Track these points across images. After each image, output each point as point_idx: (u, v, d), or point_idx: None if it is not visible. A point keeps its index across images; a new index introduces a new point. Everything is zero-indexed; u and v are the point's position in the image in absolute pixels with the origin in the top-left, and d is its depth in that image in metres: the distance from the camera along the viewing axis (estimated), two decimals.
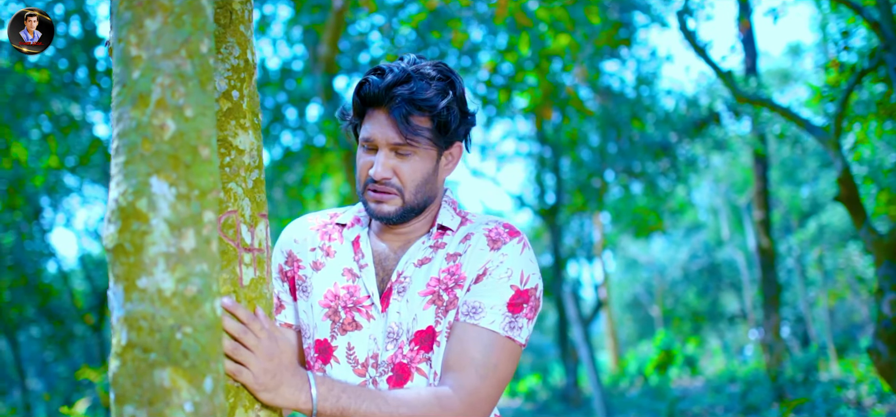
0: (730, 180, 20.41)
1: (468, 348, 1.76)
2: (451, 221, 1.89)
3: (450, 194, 1.96)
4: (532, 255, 1.84)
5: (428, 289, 1.82)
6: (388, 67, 1.82)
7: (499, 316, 1.77)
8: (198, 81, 1.36)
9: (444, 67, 1.84)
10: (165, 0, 1.34)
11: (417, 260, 1.85)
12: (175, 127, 1.33)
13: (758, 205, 12.41)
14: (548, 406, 13.78)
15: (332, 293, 1.88)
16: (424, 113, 1.77)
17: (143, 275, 1.31)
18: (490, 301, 1.78)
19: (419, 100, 1.76)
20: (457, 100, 1.82)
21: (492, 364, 1.76)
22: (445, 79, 1.81)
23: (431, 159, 1.82)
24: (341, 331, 1.86)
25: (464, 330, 1.77)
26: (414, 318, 1.81)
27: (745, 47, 12.08)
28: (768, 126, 9.57)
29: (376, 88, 1.79)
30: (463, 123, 1.85)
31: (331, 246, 1.94)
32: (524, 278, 1.80)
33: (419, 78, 1.79)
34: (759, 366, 15.46)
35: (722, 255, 22.91)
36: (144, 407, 1.30)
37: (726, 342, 25.66)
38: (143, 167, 1.32)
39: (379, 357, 1.82)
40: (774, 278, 11.91)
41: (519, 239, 1.83)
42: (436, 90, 1.78)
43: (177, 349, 1.31)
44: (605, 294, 17.49)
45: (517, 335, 1.79)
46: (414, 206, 1.83)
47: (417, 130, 1.77)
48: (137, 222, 1.31)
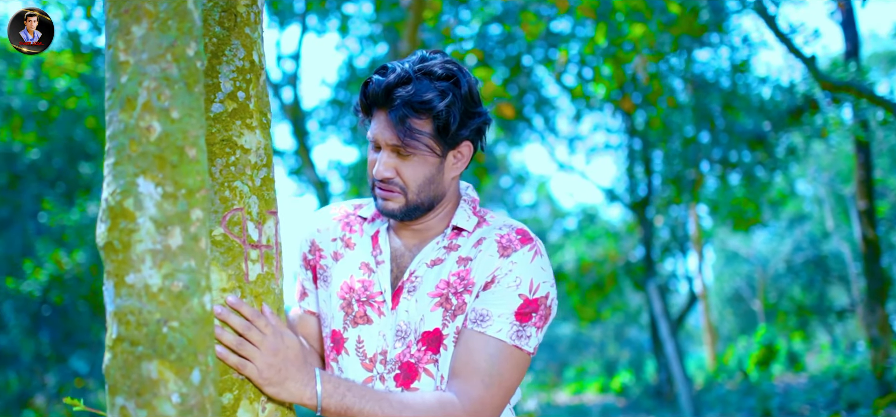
0: (834, 168, 19.58)
1: (474, 356, 1.76)
2: (467, 222, 1.88)
3: (470, 192, 1.95)
4: (545, 263, 1.82)
5: (437, 291, 1.82)
6: (393, 66, 1.82)
7: (506, 325, 1.76)
8: (184, 84, 1.41)
9: (453, 66, 1.82)
10: (151, 6, 1.39)
11: (430, 260, 1.86)
12: (161, 128, 1.38)
13: (861, 194, 11.86)
14: (639, 403, 13.55)
15: (348, 286, 1.91)
16: (423, 115, 1.76)
17: (131, 271, 1.37)
18: (497, 310, 1.77)
19: (417, 102, 1.75)
20: (462, 100, 1.79)
21: (497, 373, 1.75)
22: (450, 78, 1.79)
23: (434, 160, 1.81)
24: (353, 324, 1.88)
25: (471, 337, 1.77)
26: (421, 318, 1.82)
27: (844, 30, 11.56)
28: (870, 112, 9.15)
29: (377, 89, 1.79)
30: (468, 124, 1.82)
31: (351, 238, 1.96)
32: (534, 287, 1.78)
33: (422, 78, 1.78)
34: (867, 362, 14.81)
35: (828, 247, 22.02)
36: (133, 398, 1.36)
37: (836, 338, 24.66)
38: (131, 168, 1.37)
39: (387, 354, 1.84)
40: (880, 270, 11.37)
41: (530, 247, 1.81)
42: (437, 91, 1.76)
43: (163, 342, 1.36)
44: (701, 288, 17.06)
45: (525, 344, 1.78)
46: (419, 204, 1.83)
47: (415, 134, 1.77)
48: (125, 221, 1.37)
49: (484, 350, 1.75)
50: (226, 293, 1.66)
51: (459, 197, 1.93)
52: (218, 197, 1.67)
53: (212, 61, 1.69)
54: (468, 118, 1.81)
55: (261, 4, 1.79)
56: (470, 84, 1.82)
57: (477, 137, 1.87)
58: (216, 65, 1.69)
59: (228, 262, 1.67)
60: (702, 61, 12.39)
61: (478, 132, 1.87)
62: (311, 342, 2.03)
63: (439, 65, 1.80)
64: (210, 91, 1.68)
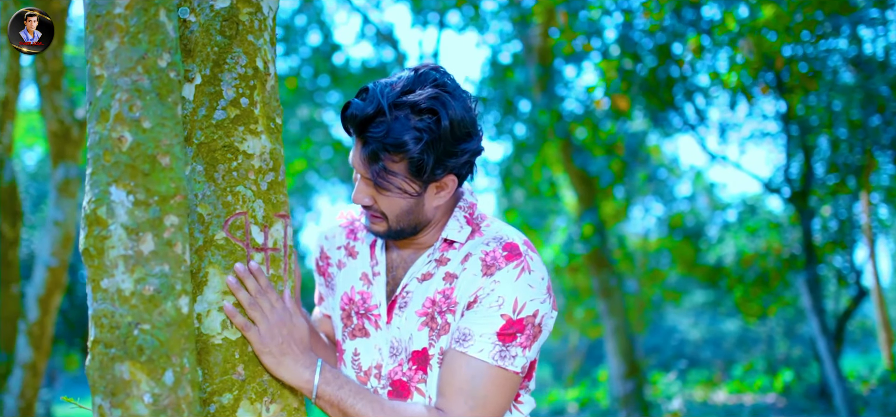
0: None
1: (457, 376, 1.71)
2: (459, 233, 1.80)
3: (467, 198, 1.85)
4: (533, 279, 1.72)
5: (423, 309, 1.78)
6: (372, 93, 1.71)
7: (488, 345, 1.70)
8: (156, 95, 1.46)
9: (436, 100, 1.68)
10: (122, 21, 1.45)
11: (420, 275, 1.81)
12: (132, 138, 1.44)
13: None
14: (797, 403, 12.81)
15: (348, 297, 1.90)
16: (397, 155, 1.68)
17: (105, 276, 1.43)
18: (479, 329, 1.71)
19: (390, 143, 1.66)
20: (441, 139, 1.67)
21: (481, 395, 1.70)
22: (432, 112, 1.67)
23: (411, 195, 1.73)
24: (351, 336, 1.88)
25: (453, 358, 1.73)
26: (410, 337, 1.79)
27: None
28: None
29: (353, 120, 1.72)
30: (446, 163, 1.70)
31: (354, 246, 1.94)
32: (518, 306, 1.70)
33: (399, 110, 1.68)
34: None
35: None
36: (109, 397, 1.42)
37: None
38: (105, 177, 1.44)
39: (382, 369, 1.83)
40: None
41: (516, 263, 1.72)
42: (413, 131, 1.66)
43: (133, 344, 1.41)
44: (874, 283, 15.91)
45: (510, 365, 1.71)
46: (401, 230, 1.78)
47: (387, 175, 1.70)
48: (99, 228, 1.43)
49: (466, 371, 1.70)
50: (226, 296, 1.70)
51: (455, 206, 1.84)
52: (220, 202, 1.71)
53: (213, 70, 1.73)
54: (448, 157, 1.70)
55: (268, 11, 1.82)
56: (454, 119, 1.68)
57: (464, 169, 1.76)
58: (218, 73, 1.73)
59: (230, 265, 1.71)
60: (867, 39, 11.55)
61: (464, 165, 1.75)
62: (331, 343, 2.05)
63: (424, 98, 1.68)
64: (212, 99, 1.72)
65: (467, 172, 1.77)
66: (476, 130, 1.75)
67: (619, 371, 9.22)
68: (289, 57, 12.32)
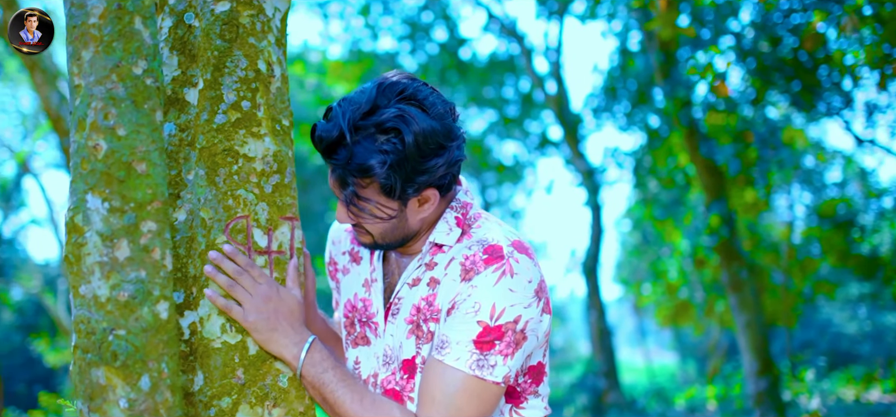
0: None
1: (433, 385, 1.65)
2: (447, 236, 1.73)
3: (460, 198, 1.77)
4: (516, 283, 1.63)
5: (410, 317, 1.73)
6: (335, 114, 1.65)
7: (465, 353, 1.62)
8: (132, 102, 1.47)
9: (401, 113, 1.60)
10: (96, 31, 1.46)
11: (411, 280, 1.76)
12: (107, 146, 1.45)
13: None
14: None
15: (351, 304, 1.87)
16: (365, 179, 1.63)
17: (82, 283, 1.45)
18: (456, 337, 1.64)
19: (354, 169, 1.61)
20: (406, 158, 1.59)
21: (456, 405, 1.63)
22: (396, 132, 1.59)
23: (390, 212, 1.67)
24: (353, 344, 1.85)
25: (431, 365, 1.67)
26: (400, 345, 1.75)
27: None
28: None
29: (319, 145, 1.66)
30: (415, 180, 1.63)
31: (358, 251, 1.91)
32: (496, 312, 1.61)
33: (362, 132, 1.60)
34: None
35: None
36: (87, 402, 1.45)
37: None
38: (82, 185, 1.46)
39: (378, 377, 1.78)
40: None
41: (496, 267, 1.63)
42: (378, 152, 1.59)
43: (108, 349, 1.43)
44: None
45: (488, 374, 1.62)
46: (388, 244, 1.75)
47: (359, 201, 1.65)
48: (76, 235, 1.46)
49: (442, 379, 1.63)
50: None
51: (447, 207, 1.76)
52: (221, 206, 1.71)
53: (214, 74, 1.73)
54: (417, 175, 1.62)
55: (273, 12, 1.80)
56: (419, 135, 1.60)
57: (444, 180, 1.68)
58: (218, 77, 1.73)
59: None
60: None
61: (442, 177, 1.67)
62: None
63: (387, 117, 1.60)
64: (214, 103, 1.73)
65: (449, 182, 1.70)
66: (451, 139, 1.66)
67: (751, 368, 8.77)
68: (415, 54, 12.46)
